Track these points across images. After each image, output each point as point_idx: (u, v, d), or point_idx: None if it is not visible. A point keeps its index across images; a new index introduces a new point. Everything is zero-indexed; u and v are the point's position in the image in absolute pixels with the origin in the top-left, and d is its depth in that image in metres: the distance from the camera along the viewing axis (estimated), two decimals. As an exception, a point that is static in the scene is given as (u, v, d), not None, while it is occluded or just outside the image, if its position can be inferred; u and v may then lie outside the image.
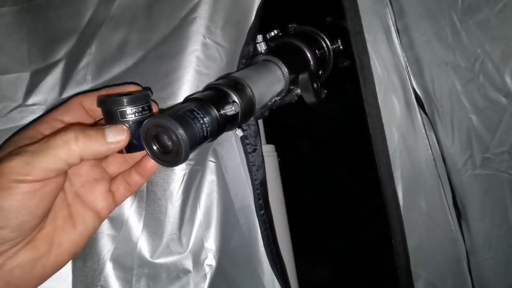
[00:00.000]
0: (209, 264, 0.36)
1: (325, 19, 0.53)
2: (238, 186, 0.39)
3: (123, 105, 0.26)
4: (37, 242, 0.25)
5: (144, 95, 0.27)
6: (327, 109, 0.88)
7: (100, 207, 0.29)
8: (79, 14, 0.37)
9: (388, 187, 0.40)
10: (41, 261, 0.25)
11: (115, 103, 0.26)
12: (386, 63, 0.39)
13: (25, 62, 0.36)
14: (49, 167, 0.22)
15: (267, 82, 0.36)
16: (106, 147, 0.24)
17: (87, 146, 0.23)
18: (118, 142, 0.25)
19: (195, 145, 0.24)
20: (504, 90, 0.34)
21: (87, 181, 0.29)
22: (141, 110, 0.26)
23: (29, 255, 0.25)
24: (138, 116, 0.26)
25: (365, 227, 0.87)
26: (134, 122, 0.26)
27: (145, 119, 0.26)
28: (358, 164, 0.78)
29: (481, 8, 0.33)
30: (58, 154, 0.23)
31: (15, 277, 0.24)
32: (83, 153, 0.23)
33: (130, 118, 0.26)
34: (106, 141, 0.24)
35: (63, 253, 0.27)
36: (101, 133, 0.24)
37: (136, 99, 0.26)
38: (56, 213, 0.27)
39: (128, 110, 0.26)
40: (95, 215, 0.28)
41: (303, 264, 0.63)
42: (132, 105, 0.26)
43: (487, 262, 0.41)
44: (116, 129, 0.25)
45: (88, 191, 0.29)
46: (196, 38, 0.35)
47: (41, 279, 0.26)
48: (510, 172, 0.36)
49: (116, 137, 0.25)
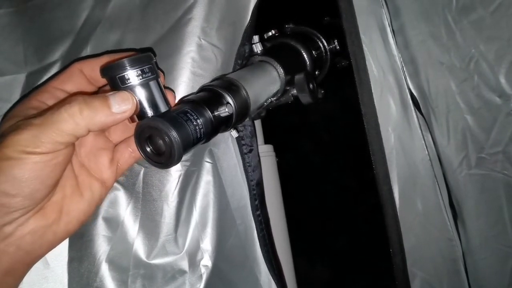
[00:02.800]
0: (205, 264, 0.36)
1: (323, 19, 0.53)
2: (235, 187, 0.39)
3: (123, 69, 0.24)
4: (47, 210, 0.26)
5: (144, 56, 0.25)
6: (325, 109, 0.89)
7: (105, 176, 0.29)
8: (74, 16, 0.37)
9: (384, 187, 0.40)
10: (51, 228, 0.26)
11: (115, 69, 0.24)
12: (381, 63, 0.39)
13: (21, 63, 0.36)
14: (57, 141, 0.22)
15: (262, 83, 0.36)
16: (112, 117, 0.23)
17: (93, 118, 0.23)
18: (124, 112, 0.24)
19: (188, 147, 0.24)
20: (499, 90, 0.34)
21: (91, 151, 0.28)
22: (142, 73, 0.24)
23: (39, 223, 0.25)
24: (140, 79, 0.24)
25: (363, 227, 0.87)
26: (138, 87, 0.24)
27: (149, 81, 0.25)
28: (356, 165, 0.78)
29: (475, 7, 0.33)
30: (64, 128, 0.22)
31: (26, 243, 0.25)
32: (89, 126, 0.23)
33: (131, 83, 0.24)
34: (112, 111, 0.23)
35: (72, 221, 0.27)
36: (105, 103, 0.23)
37: (136, 61, 0.24)
38: (64, 182, 0.27)
39: (128, 74, 0.24)
40: (101, 184, 0.29)
41: (302, 264, 0.63)
42: (133, 68, 0.24)
43: (483, 261, 0.41)
44: (120, 97, 0.24)
45: (93, 161, 0.28)
46: (191, 39, 0.35)
47: (51, 246, 0.27)
48: (504, 172, 0.36)
49: (122, 107, 0.24)
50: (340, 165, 0.91)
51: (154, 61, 0.26)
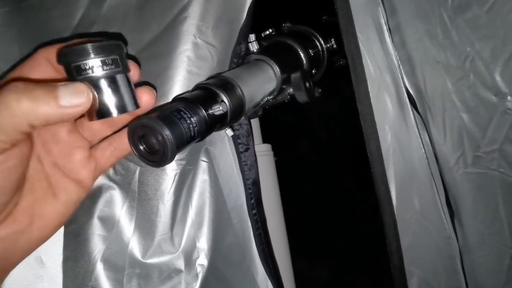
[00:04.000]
0: (201, 263, 0.36)
1: (319, 18, 0.53)
2: (231, 186, 0.39)
3: (81, 57, 0.19)
4: (17, 215, 0.24)
5: (111, 44, 0.21)
6: (323, 108, 0.89)
7: (81, 176, 0.26)
8: (70, 15, 0.37)
9: (381, 185, 0.40)
10: (24, 234, 0.24)
11: (72, 54, 0.20)
12: (378, 62, 0.39)
13: (15, 63, 0.36)
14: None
15: (258, 81, 0.36)
16: (59, 111, 0.19)
17: (34, 109, 0.18)
18: (75, 106, 0.19)
19: (182, 145, 0.24)
20: (494, 88, 0.34)
21: (64, 148, 0.26)
22: (106, 64, 0.20)
23: (10, 229, 0.23)
24: (103, 70, 0.20)
25: (360, 226, 0.87)
26: (101, 80, 0.20)
27: (112, 74, 0.20)
28: (353, 163, 0.79)
29: (470, 6, 0.33)
30: (1, 123, 0.18)
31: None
32: (30, 119, 0.19)
33: (89, 74, 0.20)
34: (59, 104, 0.19)
35: (47, 225, 0.25)
36: (52, 94, 0.19)
37: (99, 49, 0.20)
38: (34, 184, 0.25)
39: (88, 63, 0.20)
40: (77, 184, 0.26)
41: (300, 264, 0.63)
42: (94, 56, 0.19)
43: (480, 260, 0.41)
44: (73, 89, 0.20)
45: (67, 160, 0.26)
46: (187, 37, 0.35)
47: (27, 251, 0.25)
48: (500, 170, 0.36)
49: (73, 100, 0.19)
50: (338, 164, 0.91)
51: (124, 53, 0.22)
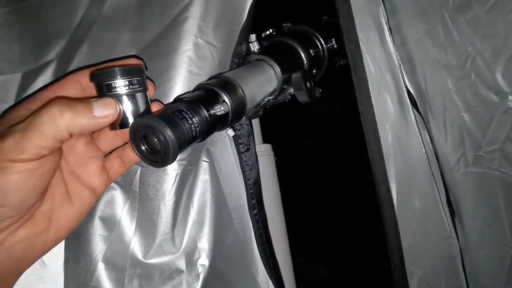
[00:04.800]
0: (202, 264, 0.36)
1: (320, 18, 0.53)
2: (232, 186, 0.39)
3: (111, 78, 0.25)
4: (37, 218, 0.26)
5: (135, 68, 0.26)
6: (324, 108, 0.89)
7: (95, 184, 0.29)
8: (70, 15, 0.37)
9: (382, 185, 0.40)
10: (41, 236, 0.26)
11: (104, 76, 0.25)
12: (379, 62, 0.39)
13: (16, 63, 0.36)
14: (39, 145, 0.22)
15: (259, 81, 0.36)
16: (93, 121, 0.23)
17: (74, 120, 0.22)
18: (106, 116, 0.24)
19: (183, 146, 0.24)
20: (495, 88, 0.34)
21: (82, 159, 0.29)
22: (130, 84, 0.25)
23: (29, 231, 0.25)
24: (127, 89, 0.25)
25: (361, 225, 0.87)
26: (124, 96, 0.25)
27: (136, 93, 0.25)
28: (354, 163, 0.79)
29: (471, 5, 0.33)
30: (45, 131, 0.22)
31: (16, 251, 0.25)
32: (70, 128, 0.23)
33: (117, 92, 0.25)
34: (93, 114, 0.23)
35: (61, 229, 0.27)
36: (88, 107, 0.23)
37: (125, 72, 0.25)
38: (53, 190, 0.27)
39: (115, 83, 0.25)
40: (91, 192, 0.29)
41: (301, 263, 0.63)
42: (121, 77, 0.25)
43: (480, 259, 0.41)
44: (103, 102, 0.24)
45: (83, 169, 0.29)
46: (187, 38, 0.35)
47: (41, 253, 0.27)
48: (501, 170, 0.36)
49: (104, 111, 0.24)
50: (338, 164, 0.91)
51: (145, 75, 0.27)
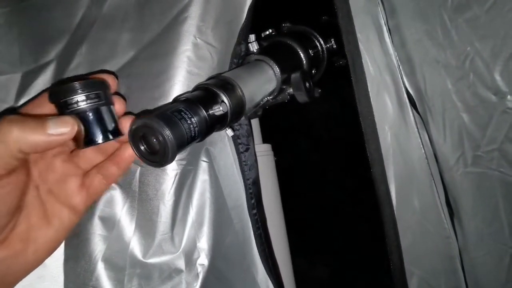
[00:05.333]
0: (202, 263, 0.36)
1: (319, 18, 0.53)
2: (231, 186, 0.39)
3: (67, 94, 0.23)
4: (12, 240, 0.25)
5: (94, 82, 0.25)
6: (323, 109, 0.89)
7: (74, 202, 0.28)
8: (70, 15, 0.37)
9: (381, 185, 0.40)
10: (19, 258, 0.25)
11: (59, 93, 0.24)
12: (378, 62, 0.39)
13: (16, 63, 0.36)
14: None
15: (258, 81, 0.36)
16: (47, 139, 0.22)
17: (24, 136, 0.21)
18: (61, 134, 0.23)
19: (182, 146, 0.24)
20: (494, 88, 0.34)
21: (59, 177, 0.28)
22: (89, 98, 0.24)
23: (5, 253, 0.25)
24: (87, 104, 0.24)
25: (360, 225, 0.87)
26: (86, 113, 0.24)
27: (95, 107, 0.24)
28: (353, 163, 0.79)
29: (470, 6, 0.33)
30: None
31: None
32: (20, 145, 0.21)
33: (74, 107, 0.24)
34: (47, 132, 0.22)
35: (40, 249, 0.26)
36: (41, 124, 0.22)
37: (82, 86, 0.24)
38: (29, 211, 0.26)
39: (74, 99, 0.23)
40: (70, 210, 0.28)
41: (300, 263, 0.63)
42: (76, 93, 0.23)
43: (479, 259, 0.41)
44: (60, 120, 0.23)
45: (62, 187, 0.28)
46: (187, 38, 0.35)
47: (23, 274, 0.26)
48: (500, 170, 0.36)
49: (59, 129, 0.22)
50: (338, 164, 0.91)
51: (108, 88, 0.26)
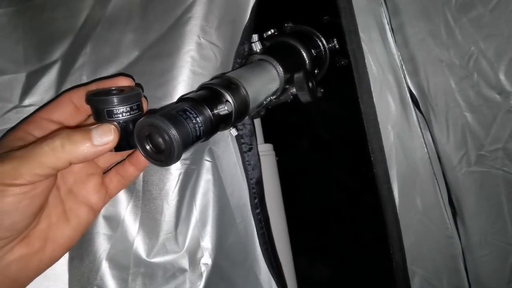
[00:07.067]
0: (205, 263, 0.36)
1: (322, 18, 0.53)
2: (235, 185, 0.39)
3: (111, 104, 0.25)
4: (32, 238, 0.26)
5: (134, 94, 0.26)
6: (325, 108, 0.89)
7: (93, 201, 0.29)
8: (74, 15, 0.37)
9: (384, 185, 0.40)
10: (36, 256, 0.26)
11: (103, 102, 0.25)
12: (381, 61, 0.39)
13: (21, 63, 0.36)
14: (36, 173, 0.23)
15: (261, 81, 0.36)
16: (93, 150, 0.24)
17: (74, 151, 0.23)
18: (105, 144, 0.24)
19: (188, 145, 0.24)
20: (498, 87, 0.34)
21: (80, 177, 0.29)
22: (130, 110, 0.25)
23: (25, 251, 0.25)
24: (127, 115, 0.25)
25: (363, 225, 0.87)
26: (123, 122, 0.25)
27: (134, 118, 0.25)
28: (355, 163, 0.79)
29: (475, 5, 0.33)
30: (45, 162, 0.23)
31: (12, 271, 0.25)
32: (71, 159, 0.23)
33: (118, 117, 0.25)
34: (93, 144, 0.24)
35: (58, 248, 0.27)
36: (87, 137, 0.24)
37: (125, 98, 0.25)
38: (50, 210, 0.27)
39: (117, 110, 0.25)
40: (89, 209, 0.29)
41: (302, 263, 0.63)
42: (121, 104, 0.25)
43: (482, 259, 0.41)
44: (103, 130, 0.24)
45: (81, 186, 0.29)
46: (190, 38, 0.35)
47: (38, 272, 0.27)
48: (504, 169, 0.36)
49: (103, 139, 0.24)
50: (340, 164, 0.91)
51: (142, 98, 0.27)
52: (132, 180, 0.32)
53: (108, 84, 0.29)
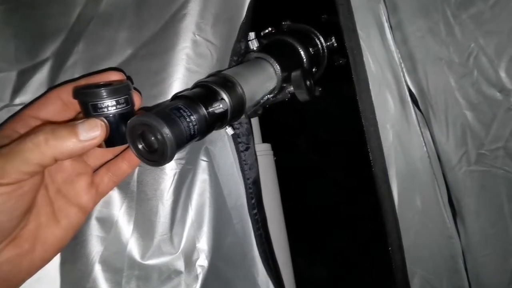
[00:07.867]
0: (201, 264, 0.35)
1: (320, 16, 0.52)
2: (231, 185, 0.39)
3: (98, 98, 0.24)
4: (21, 239, 0.25)
5: (123, 86, 0.25)
6: (323, 108, 0.88)
7: (83, 201, 0.28)
8: (67, 12, 0.36)
9: (383, 184, 0.40)
10: (27, 257, 0.26)
11: (90, 96, 0.24)
12: (379, 59, 0.38)
13: (11, 61, 0.35)
14: (21, 171, 0.22)
15: (258, 79, 0.35)
16: (80, 146, 0.23)
17: (59, 147, 0.22)
18: (92, 139, 0.23)
19: (181, 144, 0.24)
20: (499, 85, 0.33)
21: (69, 176, 0.28)
22: (117, 103, 0.24)
23: (14, 252, 0.25)
24: (114, 109, 0.24)
25: (362, 225, 0.86)
26: (112, 116, 0.24)
27: (123, 112, 0.25)
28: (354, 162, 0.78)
29: (474, 1, 0.32)
30: (29, 158, 0.22)
31: (2, 272, 0.25)
32: (56, 155, 0.22)
33: (104, 112, 0.24)
34: (79, 139, 0.23)
35: (48, 249, 0.27)
36: (73, 132, 0.23)
37: (111, 91, 0.24)
38: (39, 210, 0.26)
39: (102, 103, 0.24)
40: (79, 209, 0.28)
41: (301, 263, 0.63)
42: (107, 97, 0.24)
43: (483, 259, 0.41)
44: (89, 125, 0.23)
45: (71, 186, 0.28)
46: (186, 35, 0.34)
47: (30, 273, 0.27)
48: (505, 168, 0.36)
49: (90, 134, 0.23)
50: (339, 163, 0.91)
51: (131, 91, 0.26)
52: (124, 177, 0.31)
53: (97, 79, 0.28)
